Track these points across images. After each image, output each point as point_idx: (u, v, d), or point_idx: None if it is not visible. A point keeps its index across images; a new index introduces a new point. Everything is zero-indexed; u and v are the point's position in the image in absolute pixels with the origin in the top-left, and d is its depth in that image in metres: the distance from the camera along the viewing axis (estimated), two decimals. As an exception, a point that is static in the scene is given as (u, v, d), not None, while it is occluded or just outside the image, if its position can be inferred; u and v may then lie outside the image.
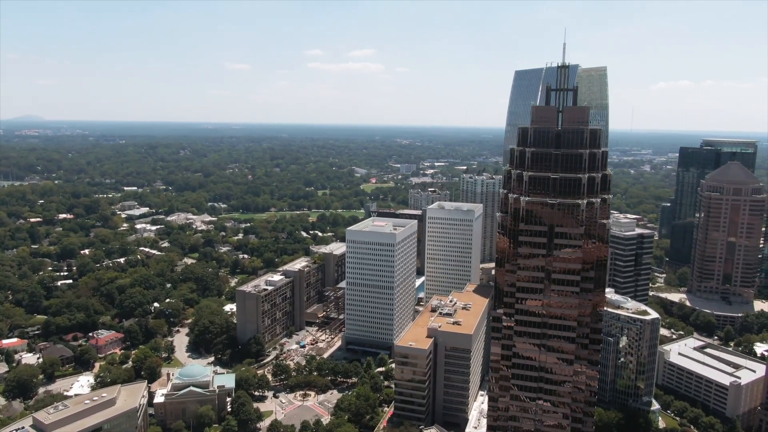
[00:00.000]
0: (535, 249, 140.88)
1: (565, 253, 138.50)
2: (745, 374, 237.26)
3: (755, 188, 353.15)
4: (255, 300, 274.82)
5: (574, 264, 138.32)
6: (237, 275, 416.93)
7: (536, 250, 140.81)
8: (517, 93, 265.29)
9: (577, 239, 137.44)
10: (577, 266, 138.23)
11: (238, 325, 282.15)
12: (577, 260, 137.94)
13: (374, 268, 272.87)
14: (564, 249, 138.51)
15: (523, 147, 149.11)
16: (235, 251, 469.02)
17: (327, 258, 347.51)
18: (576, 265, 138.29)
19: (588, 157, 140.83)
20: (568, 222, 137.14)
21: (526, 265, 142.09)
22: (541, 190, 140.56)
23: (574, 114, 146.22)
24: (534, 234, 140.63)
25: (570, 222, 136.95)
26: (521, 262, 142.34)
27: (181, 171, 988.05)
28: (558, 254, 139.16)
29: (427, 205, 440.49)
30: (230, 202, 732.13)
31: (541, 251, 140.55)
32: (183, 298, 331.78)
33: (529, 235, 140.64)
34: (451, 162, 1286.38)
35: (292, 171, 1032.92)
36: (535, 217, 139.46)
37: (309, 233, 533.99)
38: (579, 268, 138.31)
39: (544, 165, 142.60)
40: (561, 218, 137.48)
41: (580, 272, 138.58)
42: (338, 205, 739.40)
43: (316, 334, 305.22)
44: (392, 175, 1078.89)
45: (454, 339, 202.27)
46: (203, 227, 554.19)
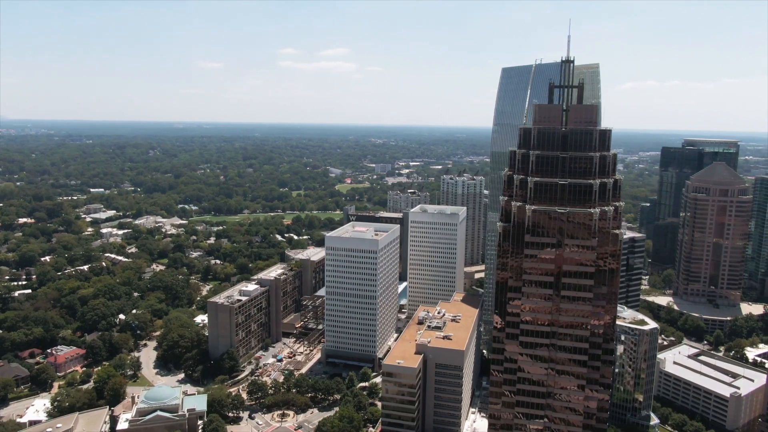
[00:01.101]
0: (544, 264, 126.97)
1: (576, 268, 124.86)
2: (743, 384, 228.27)
3: (741, 189, 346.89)
4: (228, 312, 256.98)
5: (586, 280, 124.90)
6: (209, 282, 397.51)
7: (544, 264, 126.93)
8: (505, 91, 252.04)
9: (590, 252, 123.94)
10: (589, 282, 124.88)
11: (210, 339, 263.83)
12: (590, 276, 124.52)
13: (355, 277, 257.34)
14: (575, 263, 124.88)
15: (526, 149, 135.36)
16: (206, 256, 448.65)
17: (304, 264, 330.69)
18: (588, 281, 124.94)
19: (599, 160, 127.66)
20: (579, 233, 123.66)
21: (533, 281, 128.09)
22: (548, 197, 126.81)
23: (582, 113, 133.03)
24: (542, 246, 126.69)
25: (582, 233, 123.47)
26: (528, 278, 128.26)
27: (151, 172, 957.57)
28: (569, 269, 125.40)
29: (406, 207, 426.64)
30: (202, 204, 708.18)
31: (549, 266, 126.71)
32: (151, 308, 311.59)
33: (536, 248, 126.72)
34: (426, 161, 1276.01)
35: (265, 171, 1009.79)
36: (543, 227, 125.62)
37: (284, 236, 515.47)
38: (591, 284, 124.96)
39: (551, 169, 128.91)
40: (572, 229, 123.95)
41: (592, 288, 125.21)
42: (313, 206, 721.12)
43: (293, 347, 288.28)
44: (367, 174, 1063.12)
45: (445, 355, 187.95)
46: (173, 231, 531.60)
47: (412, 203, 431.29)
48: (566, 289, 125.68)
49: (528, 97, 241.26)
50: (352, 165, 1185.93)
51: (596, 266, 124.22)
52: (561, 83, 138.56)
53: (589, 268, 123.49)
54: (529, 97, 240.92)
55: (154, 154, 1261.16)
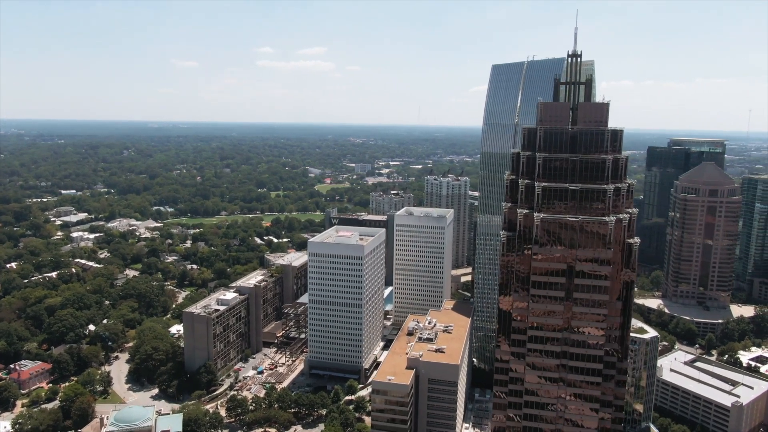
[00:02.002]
0: (554, 277, 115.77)
1: (590, 282, 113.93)
2: (744, 392, 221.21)
3: (731, 189, 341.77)
4: (205, 323, 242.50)
5: (601, 295, 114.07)
6: (185, 288, 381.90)
7: (555, 278, 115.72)
8: (495, 89, 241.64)
9: (605, 264, 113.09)
10: (604, 297, 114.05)
11: (186, 352, 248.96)
12: (605, 290, 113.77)
13: (340, 284, 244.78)
14: (589, 276, 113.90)
15: (531, 151, 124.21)
16: (182, 261, 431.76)
17: (285, 270, 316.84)
18: (603, 296, 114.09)
19: (611, 163, 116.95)
20: (593, 243, 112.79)
21: (542, 295, 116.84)
22: (557, 204, 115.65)
23: (591, 111, 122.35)
24: (552, 260, 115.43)
25: (595, 243, 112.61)
26: (537, 293, 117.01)
27: (125, 172, 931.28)
28: (581, 283, 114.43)
29: (390, 208, 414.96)
30: (177, 205, 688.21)
31: (560, 279, 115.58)
32: (123, 318, 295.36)
33: (546, 261, 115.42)
34: (406, 161, 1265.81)
35: (243, 172, 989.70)
36: (553, 237, 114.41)
37: (263, 239, 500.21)
38: (606, 299, 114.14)
39: (560, 173, 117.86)
40: (585, 239, 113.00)
41: (607, 304, 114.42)
42: (293, 207, 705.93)
43: (275, 357, 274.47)
44: (347, 174, 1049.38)
45: (438, 370, 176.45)
46: (147, 234, 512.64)
47: (395, 205, 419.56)
48: (579, 304, 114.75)
49: (520, 95, 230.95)
50: (332, 165, 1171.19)
51: (611, 280, 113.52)
52: (567, 79, 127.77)
53: (604, 281, 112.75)
54: (521, 96, 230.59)
55: (128, 154, 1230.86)
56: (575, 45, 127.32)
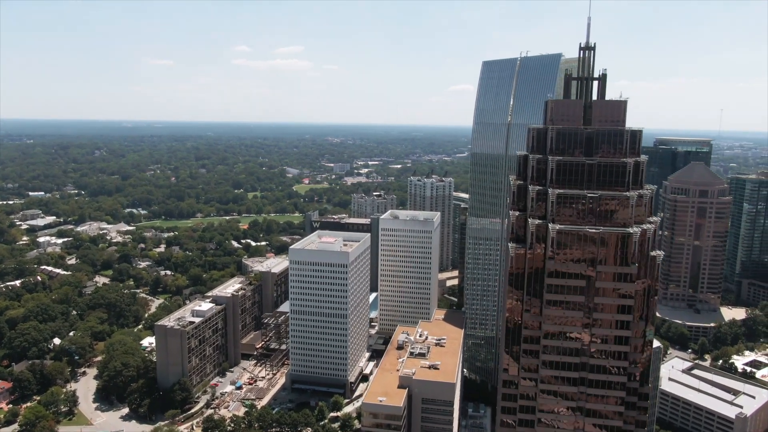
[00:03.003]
0: (572, 296, 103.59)
1: (612, 301, 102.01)
2: (746, 402, 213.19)
3: (721, 190, 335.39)
4: (179, 337, 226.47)
5: (624, 315, 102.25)
6: (159, 295, 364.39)
7: (573, 296, 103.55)
8: (486, 87, 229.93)
9: (629, 281, 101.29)
10: (628, 318, 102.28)
11: (158, 367, 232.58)
12: (629, 310, 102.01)
13: (324, 294, 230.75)
14: (612, 295, 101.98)
15: (542, 154, 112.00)
16: (156, 267, 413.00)
17: (264, 277, 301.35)
18: (626, 317, 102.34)
19: (632, 168, 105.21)
20: (616, 258, 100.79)
21: (557, 317, 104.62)
22: (574, 213, 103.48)
23: (607, 109, 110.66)
24: (569, 275, 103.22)
25: (619, 258, 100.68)
26: (551, 313, 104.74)
27: (96, 173, 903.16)
28: (603, 302, 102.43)
29: (372, 211, 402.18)
30: (151, 207, 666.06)
31: (578, 298, 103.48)
32: (91, 331, 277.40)
33: (564, 277, 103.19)
34: (385, 161, 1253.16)
35: (219, 172, 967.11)
36: (570, 251, 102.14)
37: (241, 242, 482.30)
38: (630, 320, 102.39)
39: (575, 179, 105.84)
40: (606, 253, 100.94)
41: (630, 325, 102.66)
42: (271, 208, 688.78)
43: (254, 371, 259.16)
44: (326, 174, 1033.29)
45: (433, 389, 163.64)
46: (119, 239, 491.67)
47: (377, 207, 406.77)
48: (599, 326, 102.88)
49: (513, 93, 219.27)
50: (310, 165, 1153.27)
51: (636, 298, 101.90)
52: (579, 74, 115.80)
53: (628, 300, 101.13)
54: (514, 93, 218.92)
55: (100, 154, 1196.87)
56: (588, 37, 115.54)
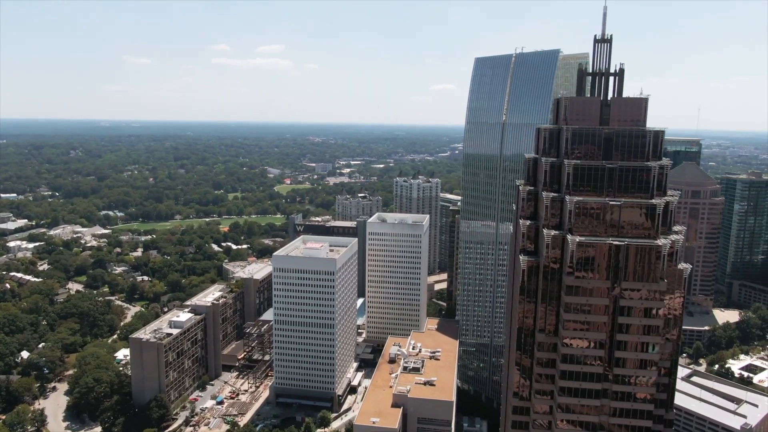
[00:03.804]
0: (594, 315, 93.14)
1: (639, 321, 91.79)
2: (749, 411, 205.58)
3: (713, 190, 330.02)
4: (155, 350, 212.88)
5: (651, 337, 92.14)
6: (135, 302, 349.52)
7: (594, 317, 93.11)
8: (479, 85, 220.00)
9: (658, 299, 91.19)
10: (657, 339, 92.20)
11: (133, 383, 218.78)
12: (657, 330, 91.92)
13: (310, 303, 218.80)
14: (638, 315, 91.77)
15: (555, 157, 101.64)
16: (132, 272, 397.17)
17: (246, 284, 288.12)
18: (655, 338, 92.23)
19: (657, 173, 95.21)
20: (643, 273, 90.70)
21: (576, 338, 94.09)
22: (594, 224, 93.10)
23: (627, 108, 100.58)
24: (590, 292, 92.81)
25: (646, 273, 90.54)
26: (569, 335, 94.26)
27: (71, 174, 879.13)
28: (628, 322, 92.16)
29: (357, 213, 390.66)
30: (128, 209, 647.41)
31: (600, 318, 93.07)
32: (62, 343, 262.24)
33: (583, 294, 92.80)
34: (368, 160, 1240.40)
35: (198, 172, 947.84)
36: (592, 266, 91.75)
37: (221, 246, 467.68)
38: (659, 341, 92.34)
39: (594, 185, 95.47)
40: (633, 268, 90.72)
41: (658, 347, 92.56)
42: (252, 210, 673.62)
43: (236, 384, 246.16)
44: (307, 174, 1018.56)
45: (430, 408, 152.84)
46: (93, 243, 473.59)
47: (363, 209, 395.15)
48: (623, 348, 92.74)
49: (508, 91, 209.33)
50: (291, 165, 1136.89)
51: (664, 318, 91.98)
52: (593, 69, 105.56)
53: (656, 320, 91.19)
54: (509, 91, 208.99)
55: (75, 154, 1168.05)
56: (604, 28, 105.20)
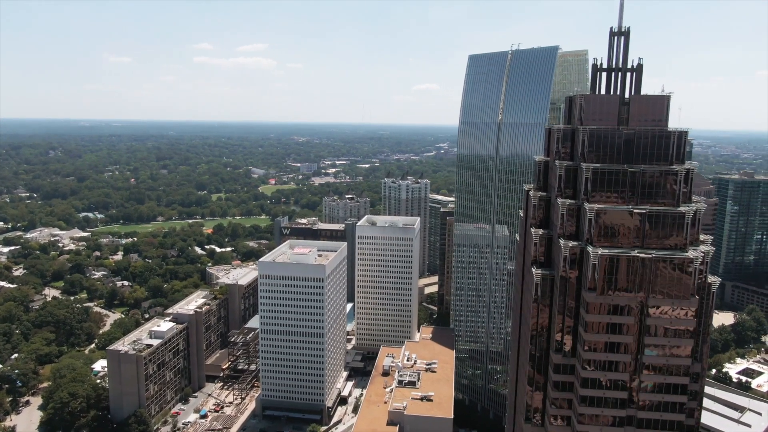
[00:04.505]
0: (617, 335, 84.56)
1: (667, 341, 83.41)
2: (753, 420, 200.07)
3: (707, 191, 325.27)
4: (134, 363, 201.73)
5: (681, 359, 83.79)
6: (115, 309, 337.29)
7: (619, 337, 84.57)
8: (473, 83, 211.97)
9: (688, 317, 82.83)
10: (686, 362, 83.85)
11: (111, 397, 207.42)
12: (687, 351, 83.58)
13: (298, 311, 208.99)
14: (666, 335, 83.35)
15: (570, 160, 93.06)
16: (112, 277, 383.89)
17: (231, 290, 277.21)
18: (684, 361, 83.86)
19: (683, 178, 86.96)
20: (671, 289, 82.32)
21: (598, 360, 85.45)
22: (618, 234, 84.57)
23: (648, 106, 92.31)
24: (615, 311, 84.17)
25: (675, 288, 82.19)
26: (589, 356, 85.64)
27: (50, 175, 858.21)
28: (655, 342, 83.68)
29: (345, 215, 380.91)
30: (108, 211, 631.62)
31: (625, 338, 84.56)
32: (36, 353, 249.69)
33: (608, 313, 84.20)
34: (353, 160, 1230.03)
35: (181, 173, 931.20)
36: (617, 281, 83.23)
37: (204, 249, 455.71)
38: (689, 365, 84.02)
39: (615, 191, 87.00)
40: (661, 283, 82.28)
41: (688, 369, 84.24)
42: (236, 211, 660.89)
43: (220, 396, 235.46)
44: (292, 174, 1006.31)
45: (428, 426, 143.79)
46: (72, 246, 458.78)
47: (350, 211, 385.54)
48: (651, 369, 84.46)
49: (504, 89, 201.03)
50: (276, 165, 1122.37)
51: (695, 337, 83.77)
52: (609, 64, 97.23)
53: (687, 341, 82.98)
54: (505, 90, 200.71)
55: (54, 155, 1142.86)
56: (620, 20, 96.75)
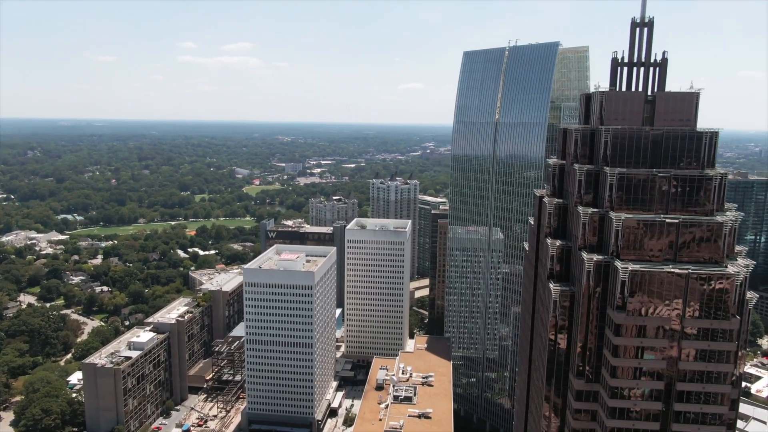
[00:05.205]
0: (649, 362, 76.02)
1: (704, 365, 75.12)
2: (758, 429, 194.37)
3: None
4: (112, 377, 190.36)
5: (720, 386, 75.55)
6: (94, 315, 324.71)
7: (651, 363, 76.04)
8: (469, 81, 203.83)
9: (728, 339, 74.57)
10: (725, 389, 75.65)
11: (87, 413, 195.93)
12: (725, 378, 75.38)
13: (285, 320, 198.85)
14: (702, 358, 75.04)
15: (591, 163, 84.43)
16: (91, 282, 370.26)
17: (215, 297, 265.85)
18: (723, 387, 75.67)
19: (718, 184, 78.67)
20: (711, 308, 73.98)
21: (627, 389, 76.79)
22: (648, 247, 76.03)
23: (676, 104, 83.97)
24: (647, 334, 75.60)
25: (713, 308, 73.86)
26: (618, 384, 77.02)
27: (28, 176, 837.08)
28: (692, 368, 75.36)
29: (333, 217, 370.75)
30: (88, 213, 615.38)
31: (658, 364, 76.04)
32: (8, 366, 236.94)
33: (639, 335, 75.62)
34: (338, 160, 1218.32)
35: (164, 173, 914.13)
36: (646, 299, 74.67)
37: (187, 252, 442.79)
38: (727, 391, 75.80)
39: (643, 198, 78.46)
40: (698, 301, 73.94)
41: (726, 398, 76.02)
42: (220, 212, 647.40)
43: (204, 409, 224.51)
44: (277, 175, 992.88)
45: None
46: (49, 250, 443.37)
47: (338, 212, 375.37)
48: (685, 401, 76.07)
49: (501, 87, 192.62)
50: (260, 165, 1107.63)
51: (734, 361, 75.61)
52: (630, 59, 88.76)
53: (727, 366, 74.82)
54: (502, 88, 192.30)
55: (33, 155, 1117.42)
56: (644, 9, 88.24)
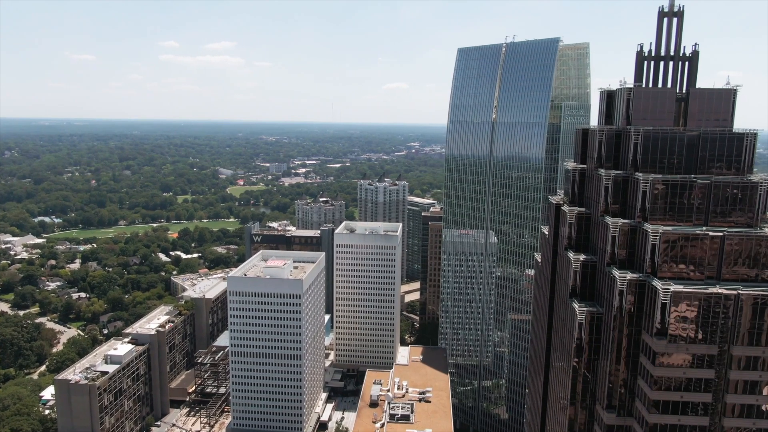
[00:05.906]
0: (691, 393, 67.56)
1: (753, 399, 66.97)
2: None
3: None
4: (87, 394, 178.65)
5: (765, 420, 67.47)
6: (71, 323, 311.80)
7: (693, 395, 67.61)
8: (464, 79, 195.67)
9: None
10: (777, 425, 67.60)
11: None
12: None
13: (272, 330, 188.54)
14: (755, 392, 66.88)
15: (618, 168, 75.68)
16: (68, 288, 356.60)
17: (197, 305, 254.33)
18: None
19: (765, 191, 70.33)
20: (761, 332, 65.64)
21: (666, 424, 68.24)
22: (689, 264, 67.50)
23: (711, 102, 75.59)
24: (689, 364, 67.07)
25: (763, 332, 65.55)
26: (659, 420, 68.42)
27: (4, 177, 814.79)
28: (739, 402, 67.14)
29: (319, 219, 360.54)
30: (67, 215, 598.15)
31: (701, 397, 67.64)
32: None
33: (682, 365, 67.03)
34: (323, 160, 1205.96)
35: (145, 174, 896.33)
36: (692, 325, 66.10)
37: (169, 255, 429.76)
38: (778, 428, 67.81)
39: (680, 208, 69.80)
40: (750, 327, 65.58)
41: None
42: (203, 214, 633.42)
43: (186, 424, 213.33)
44: (261, 175, 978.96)
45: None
46: (25, 254, 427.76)
47: (325, 215, 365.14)
48: (732, 436, 67.97)
49: (498, 85, 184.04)
50: (244, 165, 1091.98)
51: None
52: (657, 52, 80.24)
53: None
54: (499, 86, 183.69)
55: (10, 155, 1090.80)
56: None
